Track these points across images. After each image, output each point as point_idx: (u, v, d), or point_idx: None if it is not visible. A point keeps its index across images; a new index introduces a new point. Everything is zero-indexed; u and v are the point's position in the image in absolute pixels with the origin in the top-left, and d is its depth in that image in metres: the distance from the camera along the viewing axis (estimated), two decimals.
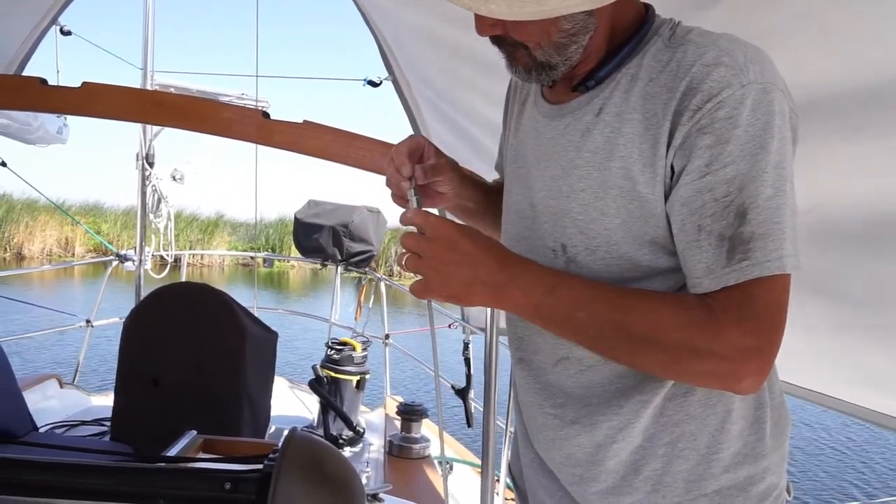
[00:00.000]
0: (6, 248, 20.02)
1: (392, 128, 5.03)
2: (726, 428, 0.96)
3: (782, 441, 1.02)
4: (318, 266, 5.34)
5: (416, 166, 1.07)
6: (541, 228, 1.04)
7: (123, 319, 2.81)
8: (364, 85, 3.40)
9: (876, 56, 1.04)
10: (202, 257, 19.19)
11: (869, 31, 1.02)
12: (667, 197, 0.89)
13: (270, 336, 2.85)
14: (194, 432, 1.53)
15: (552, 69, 0.95)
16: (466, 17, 0.92)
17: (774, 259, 0.83)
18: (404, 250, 0.90)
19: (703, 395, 0.96)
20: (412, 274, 0.92)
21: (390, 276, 15.82)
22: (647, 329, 0.86)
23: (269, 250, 19.30)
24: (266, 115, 1.74)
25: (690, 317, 0.85)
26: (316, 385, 3.11)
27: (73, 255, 20.28)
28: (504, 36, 0.94)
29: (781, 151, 0.84)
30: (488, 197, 1.24)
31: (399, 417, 3.19)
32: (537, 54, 0.93)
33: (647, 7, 0.98)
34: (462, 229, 0.89)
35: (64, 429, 3.05)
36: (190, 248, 16.56)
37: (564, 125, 1.00)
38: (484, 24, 0.93)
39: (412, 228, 0.92)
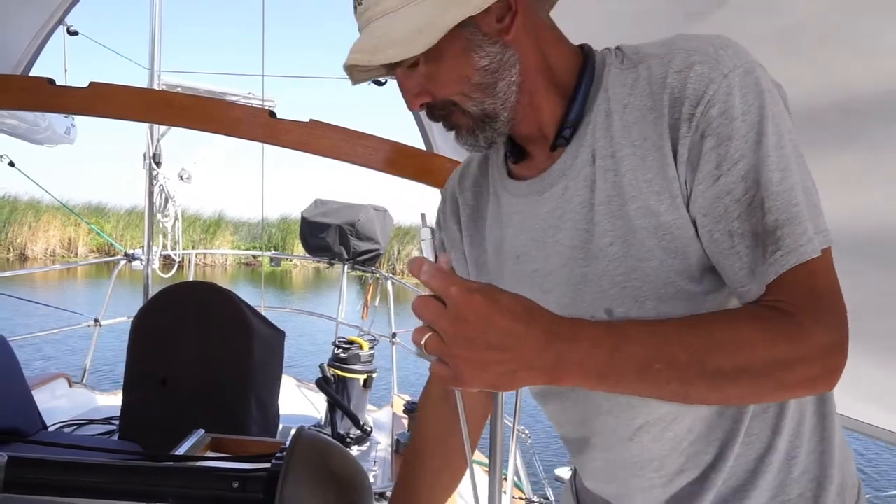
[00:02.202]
0: (10, 249, 20.11)
1: (397, 126, 5.03)
2: (800, 431, 0.94)
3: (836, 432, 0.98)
4: (322, 265, 5.36)
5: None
6: (572, 303, 0.93)
7: (131, 319, 2.82)
8: (369, 84, 3.39)
9: (868, 67, 1.03)
10: (205, 257, 19.24)
11: (861, 43, 1.01)
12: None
13: (278, 335, 2.86)
14: (202, 431, 1.53)
15: (493, 120, 0.89)
16: None
17: (805, 242, 0.77)
18: (421, 322, 0.71)
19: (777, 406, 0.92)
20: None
21: (394, 273, 15.83)
22: (733, 358, 0.75)
23: (273, 249, 19.33)
24: (273, 114, 1.74)
25: (774, 330, 0.76)
26: (323, 384, 3.11)
27: (76, 255, 20.38)
28: (434, 102, 0.89)
29: (778, 129, 0.80)
30: None
31: (406, 416, 3.19)
32: (468, 107, 0.88)
33: (582, 46, 0.94)
34: (495, 302, 0.69)
35: (73, 427, 3.06)
36: (193, 248, 16.61)
37: (563, 189, 0.92)
38: (411, 97, 0.89)
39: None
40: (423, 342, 0.71)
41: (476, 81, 0.86)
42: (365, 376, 3.22)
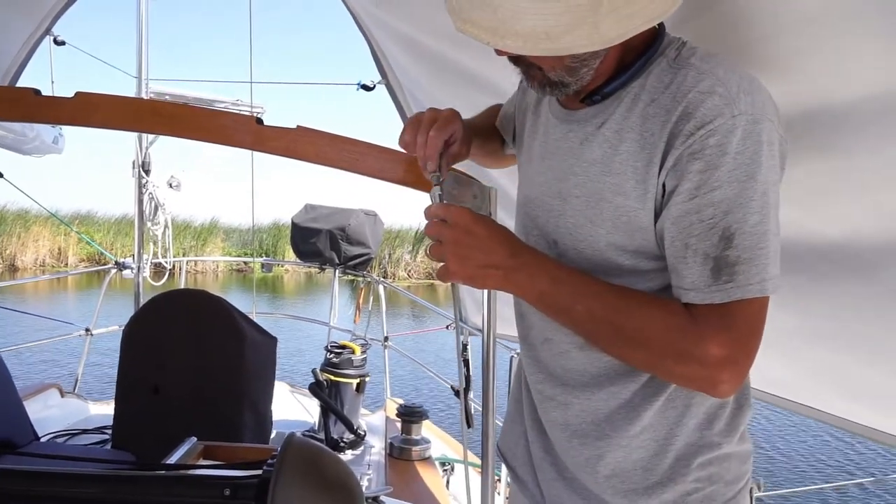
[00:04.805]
0: None
1: (386, 131, 5.03)
2: (683, 422, 1.04)
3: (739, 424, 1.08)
4: (313, 270, 5.34)
5: (442, 160, 1.16)
6: (536, 221, 1.13)
7: (122, 327, 2.81)
8: (358, 89, 3.40)
9: (846, 77, 1.05)
10: (196, 264, 19.10)
11: (838, 53, 1.03)
12: (657, 212, 0.95)
13: (270, 341, 2.86)
14: (194, 439, 1.53)
15: (565, 86, 1.00)
16: (452, 31, 0.93)
17: (756, 283, 0.88)
18: (429, 239, 1.01)
19: (668, 394, 1.04)
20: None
21: (385, 277, 15.80)
22: (636, 330, 0.94)
23: (264, 255, 19.24)
24: (260, 121, 1.74)
25: (676, 322, 0.92)
26: (316, 389, 3.11)
27: (66, 264, 20.22)
28: (520, 56, 0.99)
29: (768, 179, 0.89)
30: (480, 135, 1.36)
31: (399, 419, 3.19)
32: (550, 75, 0.99)
33: (660, 24, 1.00)
34: (478, 218, 0.98)
35: (65, 438, 3.05)
36: (184, 255, 16.49)
37: (568, 130, 1.07)
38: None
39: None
40: (428, 251, 1.00)
41: (566, 64, 0.96)
42: (358, 380, 3.22)
